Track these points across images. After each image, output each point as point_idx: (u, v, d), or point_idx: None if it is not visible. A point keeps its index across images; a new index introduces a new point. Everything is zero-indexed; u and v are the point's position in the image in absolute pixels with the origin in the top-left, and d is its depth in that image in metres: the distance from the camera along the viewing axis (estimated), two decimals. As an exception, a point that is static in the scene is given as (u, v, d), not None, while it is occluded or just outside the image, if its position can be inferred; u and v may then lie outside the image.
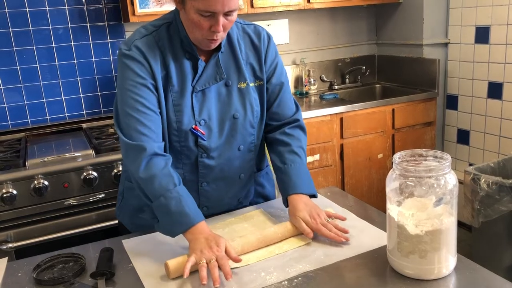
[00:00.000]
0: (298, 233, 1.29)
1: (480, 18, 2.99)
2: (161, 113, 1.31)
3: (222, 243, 1.15)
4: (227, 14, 1.21)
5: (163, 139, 1.33)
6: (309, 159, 2.79)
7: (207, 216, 1.40)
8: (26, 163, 2.09)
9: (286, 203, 1.39)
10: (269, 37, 1.44)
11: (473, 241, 2.56)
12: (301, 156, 1.45)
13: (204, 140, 1.35)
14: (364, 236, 1.27)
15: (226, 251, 1.14)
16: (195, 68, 1.33)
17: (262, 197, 1.59)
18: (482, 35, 3.00)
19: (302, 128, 1.50)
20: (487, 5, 2.93)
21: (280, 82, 1.46)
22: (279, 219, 1.40)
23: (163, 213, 1.22)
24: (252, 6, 2.80)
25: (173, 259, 1.14)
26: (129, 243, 1.33)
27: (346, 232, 1.27)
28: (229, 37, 1.37)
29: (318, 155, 2.82)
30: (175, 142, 1.35)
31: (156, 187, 1.22)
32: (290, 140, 1.45)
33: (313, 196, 1.40)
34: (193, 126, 1.33)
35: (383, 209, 1.21)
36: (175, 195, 1.21)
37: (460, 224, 2.86)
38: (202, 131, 1.34)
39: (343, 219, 1.34)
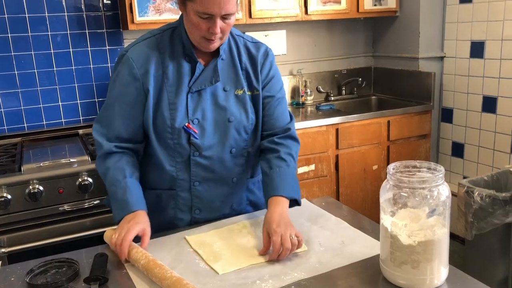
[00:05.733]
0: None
1: (475, 33, 3.03)
2: (155, 110, 1.37)
3: (133, 230, 1.25)
4: (224, 17, 1.29)
5: (159, 136, 1.39)
6: (305, 169, 2.81)
7: (200, 220, 1.41)
8: (22, 168, 2.09)
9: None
10: (267, 52, 1.51)
11: (466, 254, 2.56)
12: (288, 162, 1.45)
13: (197, 138, 1.39)
14: (357, 245, 1.27)
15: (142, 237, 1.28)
16: (193, 71, 1.40)
17: (251, 205, 1.60)
18: (477, 49, 3.03)
19: (292, 137, 1.51)
20: (482, 20, 2.97)
21: (275, 96, 1.50)
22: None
23: (112, 200, 1.38)
24: (250, 16, 2.83)
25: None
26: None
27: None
28: (230, 47, 1.45)
29: (314, 165, 2.84)
30: (168, 140, 1.40)
31: (109, 178, 1.38)
32: (278, 147, 1.47)
33: (295, 201, 1.40)
34: (186, 124, 1.38)
35: (377, 221, 1.22)
36: (123, 186, 1.35)
37: (454, 237, 2.86)
38: (194, 129, 1.39)
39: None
